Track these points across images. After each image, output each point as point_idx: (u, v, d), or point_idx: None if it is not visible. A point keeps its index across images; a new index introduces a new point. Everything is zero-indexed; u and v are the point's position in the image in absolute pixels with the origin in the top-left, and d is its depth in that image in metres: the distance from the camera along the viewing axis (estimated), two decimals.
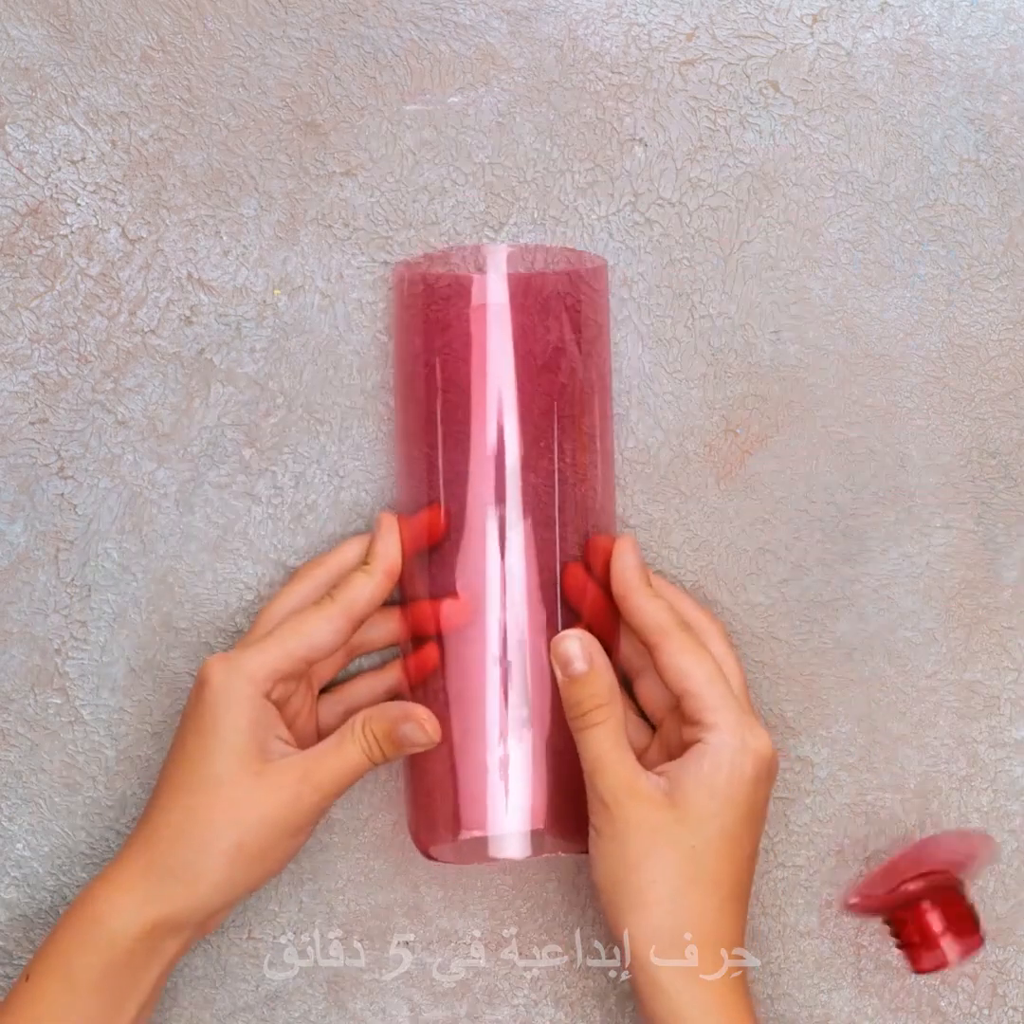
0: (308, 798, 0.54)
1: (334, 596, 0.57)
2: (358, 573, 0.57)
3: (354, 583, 0.57)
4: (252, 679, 0.55)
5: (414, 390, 0.58)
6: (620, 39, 0.59)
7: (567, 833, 0.57)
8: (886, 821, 0.64)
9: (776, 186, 0.61)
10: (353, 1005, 0.64)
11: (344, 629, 0.56)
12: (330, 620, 0.56)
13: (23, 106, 0.59)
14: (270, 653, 0.55)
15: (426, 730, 0.55)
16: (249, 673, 0.55)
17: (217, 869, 0.54)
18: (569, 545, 0.57)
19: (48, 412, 0.60)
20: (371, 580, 0.57)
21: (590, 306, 0.57)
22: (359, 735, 0.55)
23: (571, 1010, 0.64)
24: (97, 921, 0.54)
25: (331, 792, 0.55)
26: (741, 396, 0.62)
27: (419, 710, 0.55)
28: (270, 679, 0.55)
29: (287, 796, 0.54)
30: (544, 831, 0.57)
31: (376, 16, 0.59)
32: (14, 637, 0.61)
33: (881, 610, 0.63)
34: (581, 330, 0.57)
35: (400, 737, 0.54)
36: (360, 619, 0.57)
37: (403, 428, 0.59)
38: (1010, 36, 0.60)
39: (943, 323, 0.62)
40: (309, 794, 0.54)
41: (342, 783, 0.55)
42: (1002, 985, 0.65)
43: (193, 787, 0.55)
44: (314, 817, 0.55)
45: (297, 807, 0.54)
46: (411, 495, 0.58)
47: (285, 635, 0.56)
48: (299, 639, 0.56)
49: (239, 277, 0.60)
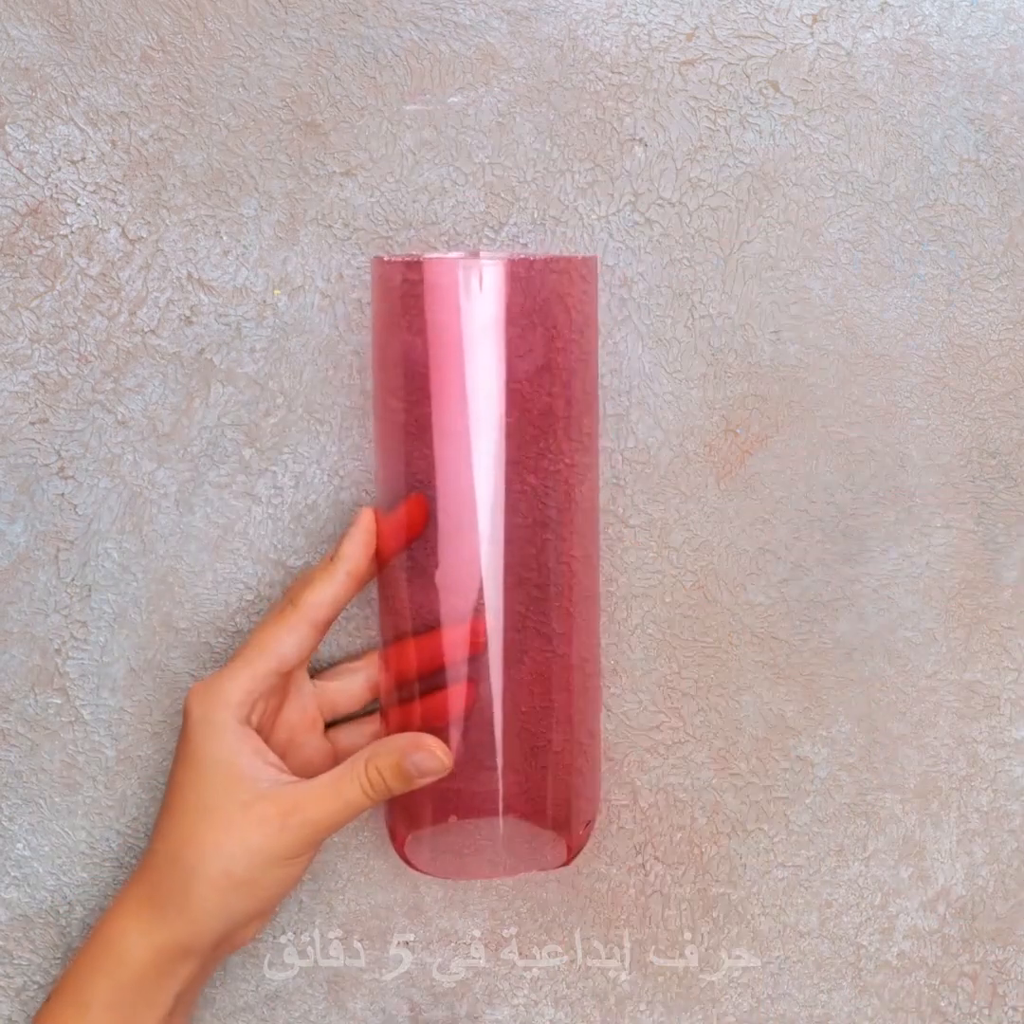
0: (294, 832, 0.53)
1: (295, 602, 0.55)
2: (320, 574, 0.56)
3: (315, 586, 0.56)
4: (227, 706, 0.54)
5: (392, 381, 0.55)
6: (620, 39, 0.59)
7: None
8: (886, 821, 0.64)
9: (776, 186, 0.61)
10: (353, 1005, 0.64)
11: (309, 635, 0.55)
12: (293, 630, 0.55)
13: (23, 106, 0.59)
14: (239, 677, 0.55)
15: (439, 757, 0.53)
16: (223, 701, 0.54)
17: (208, 896, 0.54)
18: (563, 543, 0.57)
19: (48, 412, 0.60)
20: (332, 582, 0.55)
21: (583, 301, 0.56)
22: (361, 774, 0.53)
23: (571, 1010, 0.64)
24: (107, 945, 0.55)
25: (323, 828, 0.54)
26: (741, 396, 0.62)
27: (427, 739, 0.54)
28: (245, 703, 0.55)
29: (271, 829, 0.53)
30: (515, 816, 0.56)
31: (376, 16, 0.59)
32: (14, 637, 0.61)
33: (881, 610, 0.63)
34: (573, 327, 0.56)
35: (410, 769, 0.53)
36: (325, 624, 0.56)
37: (382, 420, 0.56)
38: (1010, 36, 0.60)
39: (943, 323, 0.62)
40: (296, 828, 0.53)
41: (335, 822, 0.54)
42: (1002, 985, 0.65)
43: (185, 816, 0.54)
44: (304, 849, 0.54)
45: (282, 839, 0.53)
46: (391, 489, 0.56)
47: (252, 655, 0.55)
48: (265, 657, 0.55)
49: (239, 277, 0.60)
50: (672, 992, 0.64)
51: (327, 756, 0.59)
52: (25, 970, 0.63)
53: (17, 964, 0.62)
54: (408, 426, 0.55)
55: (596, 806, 0.59)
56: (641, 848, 0.64)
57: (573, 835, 0.58)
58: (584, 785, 0.58)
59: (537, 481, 0.55)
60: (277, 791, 0.54)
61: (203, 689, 0.55)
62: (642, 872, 0.64)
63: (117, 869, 0.62)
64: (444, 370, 0.54)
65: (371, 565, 0.57)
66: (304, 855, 0.55)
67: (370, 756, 0.54)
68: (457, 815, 0.56)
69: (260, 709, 0.56)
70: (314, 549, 0.61)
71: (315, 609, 0.55)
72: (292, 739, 0.58)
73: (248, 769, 0.54)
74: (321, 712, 0.59)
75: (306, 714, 0.59)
